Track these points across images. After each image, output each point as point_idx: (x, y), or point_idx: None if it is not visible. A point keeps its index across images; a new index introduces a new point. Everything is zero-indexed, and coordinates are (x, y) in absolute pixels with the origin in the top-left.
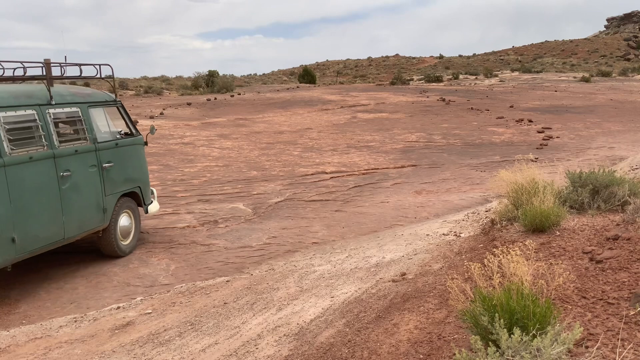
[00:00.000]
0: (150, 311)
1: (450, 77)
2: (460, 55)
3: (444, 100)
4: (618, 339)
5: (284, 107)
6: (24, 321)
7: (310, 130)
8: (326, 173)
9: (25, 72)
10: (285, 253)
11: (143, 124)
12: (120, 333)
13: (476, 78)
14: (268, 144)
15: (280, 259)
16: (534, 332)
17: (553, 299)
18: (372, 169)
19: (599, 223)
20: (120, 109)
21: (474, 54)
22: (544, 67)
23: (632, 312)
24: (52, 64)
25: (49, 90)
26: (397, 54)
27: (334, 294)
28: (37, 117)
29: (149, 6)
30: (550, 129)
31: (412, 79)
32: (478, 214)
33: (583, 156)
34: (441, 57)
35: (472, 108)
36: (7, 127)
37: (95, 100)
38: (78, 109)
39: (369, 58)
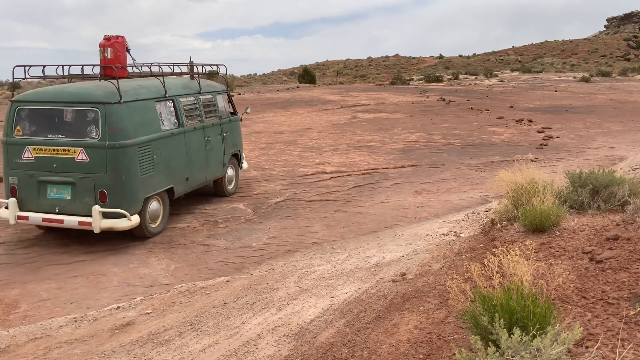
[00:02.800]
0: (150, 311)
1: (450, 77)
2: (460, 55)
3: (444, 100)
4: (618, 339)
5: (284, 107)
6: (24, 321)
7: (310, 130)
8: (326, 173)
9: (173, 69)
10: (285, 253)
11: None
12: (120, 333)
13: (476, 78)
14: (268, 143)
15: (280, 259)
16: (533, 332)
17: (553, 299)
18: (372, 169)
19: (599, 223)
20: (228, 95)
21: (474, 54)
22: (544, 67)
23: (632, 312)
24: (194, 64)
25: (199, 83)
26: (397, 54)
27: (334, 294)
28: (195, 101)
29: (149, 6)
30: (550, 129)
31: (412, 79)
32: (478, 214)
33: (583, 156)
34: (441, 57)
35: (472, 108)
36: (184, 108)
37: (218, 90)
38: (212, 96)
39: (369, 58)
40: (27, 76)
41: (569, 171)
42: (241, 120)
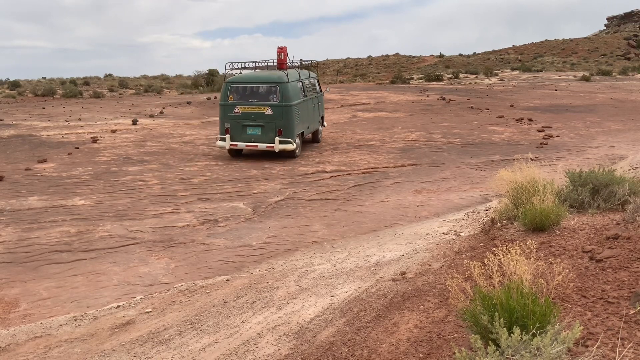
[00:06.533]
0: (150, 310)
1: (451, 76)
2: (460, 54)
3: (444, 99)
4: (618, 338)
5: None
6: (24, 320)
7: None
8: (326, 172)
9: (293, 63)
10: (285, 252)
11: (143, 123)
12: (120, 332)
13: (476, 77)
14: None
15: (280, 258)
16: (533, 331)
17: (553, 298)
18: (372, 168)
19: (599, 222)
20: (317, 80)
21: (474, 53)
22: (544, 66)
23: (632, 312)
24: (302, 60)
25: (308, 72)
26: (397, 53)
27: (333, 293)
28: (308, 83)
29: (148, 5)
30: (551, 128)
31: (412, 78)
32: (478, 213)
33: (583, 155)
34: (441, 56)
35: (472, 107)
36: (306, 86)
37: (315, 76)
38: (313, 80)
39: (369, 57)
40: (234, 67)
41: (569, 170)
42: (323, 95)
